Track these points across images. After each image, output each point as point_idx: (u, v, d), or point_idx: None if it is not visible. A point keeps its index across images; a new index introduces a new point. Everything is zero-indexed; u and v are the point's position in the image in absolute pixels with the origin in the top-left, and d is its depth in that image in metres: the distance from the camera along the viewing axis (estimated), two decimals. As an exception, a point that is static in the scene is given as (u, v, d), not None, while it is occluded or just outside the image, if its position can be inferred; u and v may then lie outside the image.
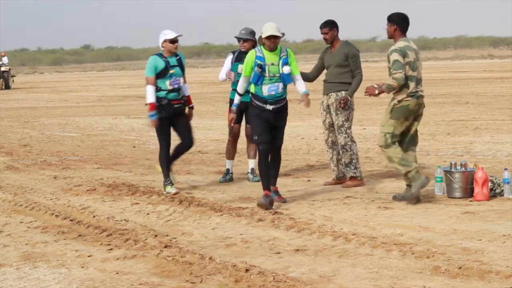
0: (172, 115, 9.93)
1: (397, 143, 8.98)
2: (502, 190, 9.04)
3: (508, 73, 41.02)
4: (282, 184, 9.92)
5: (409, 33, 9.16)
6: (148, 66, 9.91)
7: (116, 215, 8.63)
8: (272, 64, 8.95)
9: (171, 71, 9.89)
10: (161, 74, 9.86)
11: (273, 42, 8.90)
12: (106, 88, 43.08)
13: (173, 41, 9.90)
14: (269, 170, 8.92)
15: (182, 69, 10.02)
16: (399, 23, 9.06)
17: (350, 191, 9.78)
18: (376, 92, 9.11)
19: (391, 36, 9.11)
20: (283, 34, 9.08)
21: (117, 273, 6.30)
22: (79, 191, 10.22)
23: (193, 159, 13.30)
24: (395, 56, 8.86)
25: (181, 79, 9.98)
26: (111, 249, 7.07)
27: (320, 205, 8.95)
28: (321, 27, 10.27)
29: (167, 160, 10.09)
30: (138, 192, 10.01)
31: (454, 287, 5.71)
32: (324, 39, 10.24)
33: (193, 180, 11.03)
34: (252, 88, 9.02)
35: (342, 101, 9.99)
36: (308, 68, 11.69)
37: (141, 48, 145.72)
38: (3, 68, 44.69)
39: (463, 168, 9.11)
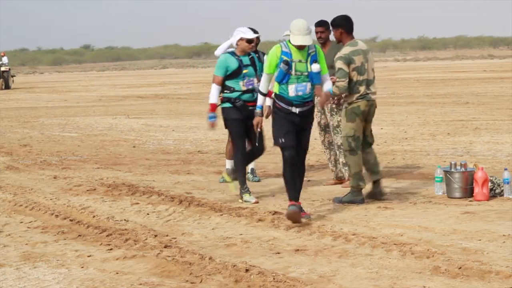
0: (247, 118, 9.19)
1: (360, 151, 8.99)
2: (502, 190, 9.04)
3: (508, 73, 41.02)
4: (282, 184, 9.90)
5: (410, 33, 9.22)
6: (219, 65, 9.26)
7: (116, 215, 8.62)
8: (300, 61, 8.04)
9: (245, 71, 9.24)
10: (234, 75, 9.24)
11: (302, 46, 8.08)
12: (106, 88, 43.08)
13: (250, 41, 9.26)
14: (296, 179, 8.11)
15: (255, 69, 9.32)
16: (343, 25, 9.03)
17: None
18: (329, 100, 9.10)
19: (339, 40, 9.11)
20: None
21: (117, 273, 6.30)
22: (79, 191, 10.21)
23: (193, 159, 13.30)
24: (339, 64, 8.86)
25: (255, 79, 9.28)
26: (111, 249, 7.07)
27: (320, 205, 8.95)
28: (316, 26, 10.18)
29: (243, 164, 9.33)
30: (138, 192, 10.01)
31: (454, 287, 5.71)
32: (319, 38, 10.17)
33: (192, 180, 11.03)
34: (276, 88, 8.15)
35: (335, 99, 9.69)
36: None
37: (141, 48, 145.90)
38: (3, 68, 44.70)
39: (463, 168, 9.10)
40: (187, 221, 8.29)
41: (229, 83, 9.28)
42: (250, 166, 10.76)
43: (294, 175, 8.09)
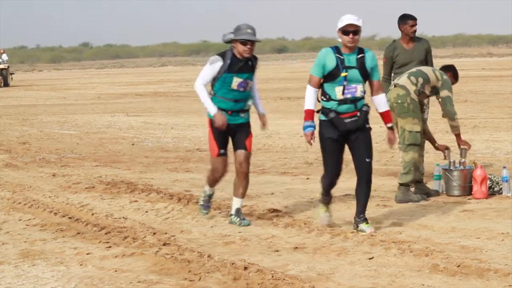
0: (346, 133, 7.32)
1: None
2: (501, 188, 9.04)
3: (507, 71, 41.01)
4: (281, 182, 9.92)
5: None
6: (315, 61, 7.27)
7: (114, 213, 8.62)
8: None
9: (343, 74, 7.13)
10: (329, 77, 7.18)
11: None
12: (104, 86, 43.06)
13: (347, 32, 7.13)
14: None
15: (365, 74, 7.24)
16: None
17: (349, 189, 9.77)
18: None
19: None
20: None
21: (115, 270, 6.30)
22: (78, 189, 10.21)
23: (191, 157, 13.30)
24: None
25: (359, 87, 7.21)
26: (109, 246, 7.07)
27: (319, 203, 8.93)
28: (412, 19, 10.40)
29: (329, 191, 7.64)
30: (137, 189, 10.00)
31: (452, 285, 5.71)
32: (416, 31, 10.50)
33: (191, 178, 11.02)
34: None
35: None
36: (307, 66, 11.63)
37: (140, 46, 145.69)
38: (1, 66, 44.69)
39: (461, 166, 9.11)
40: (185, 219, 8.29)
41: (325, 87, 7.30)
42: (235, 207, 7.98)
43: None
